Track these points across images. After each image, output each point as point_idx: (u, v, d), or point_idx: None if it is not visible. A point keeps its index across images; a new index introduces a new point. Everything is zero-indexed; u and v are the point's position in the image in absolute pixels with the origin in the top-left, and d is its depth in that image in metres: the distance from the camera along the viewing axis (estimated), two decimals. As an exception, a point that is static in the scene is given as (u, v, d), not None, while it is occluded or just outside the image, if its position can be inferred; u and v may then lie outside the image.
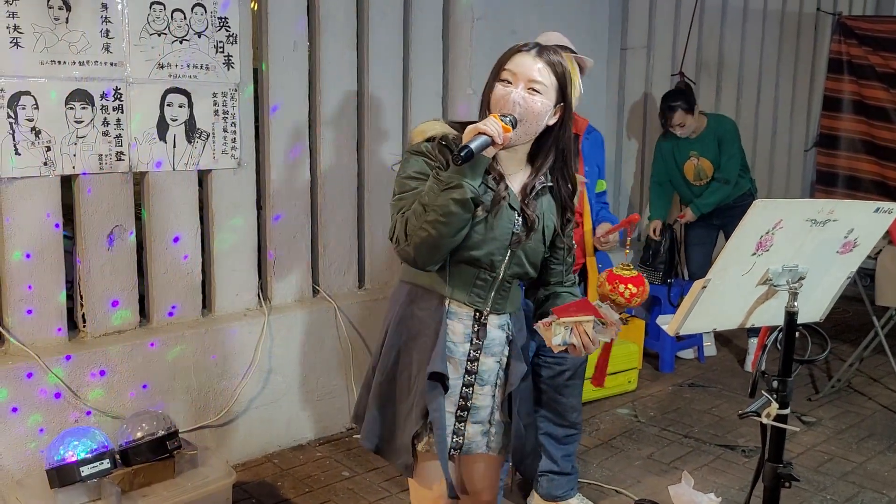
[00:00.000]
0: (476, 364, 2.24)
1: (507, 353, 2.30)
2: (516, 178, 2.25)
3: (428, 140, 2.16)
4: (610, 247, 3.44)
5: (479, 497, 2.42)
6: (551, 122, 2.21)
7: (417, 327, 2.22)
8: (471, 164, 2.03)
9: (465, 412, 2.26)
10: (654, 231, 5.39)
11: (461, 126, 2.16)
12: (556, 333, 2.12)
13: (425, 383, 2.19)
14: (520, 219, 2.21)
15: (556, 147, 2.25)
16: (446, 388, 2.21)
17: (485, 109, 2.18)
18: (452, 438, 2.26)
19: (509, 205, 2.19)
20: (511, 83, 2.13)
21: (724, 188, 5.24)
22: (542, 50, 2.17)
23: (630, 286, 2.69)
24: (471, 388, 2.25)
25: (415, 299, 2.24)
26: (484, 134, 2.02)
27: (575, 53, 3.27)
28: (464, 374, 2.24)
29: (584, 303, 2.18)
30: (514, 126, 2.10)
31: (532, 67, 2.13)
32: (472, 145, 2.01)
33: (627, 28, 5.71)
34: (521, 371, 2.31)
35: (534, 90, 2.13)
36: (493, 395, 2.29)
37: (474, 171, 2.05)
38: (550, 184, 2.27)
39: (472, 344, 2.23)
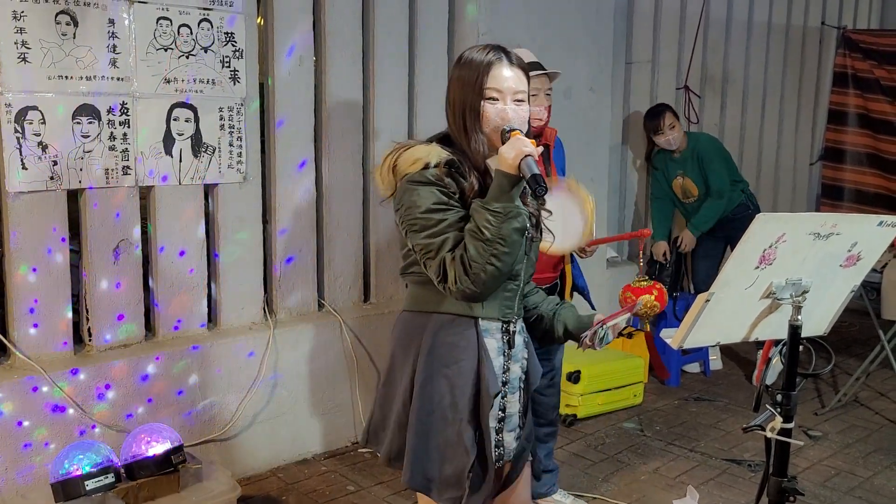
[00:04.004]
0: (507, 374, 2.27)
1: (526, 355, 2.34)
2: None
3: (426, 167, 2.11)
4: (590, 255, 3.43)
5: (520, 499, 2.45)
6: None
7: (450, 354, 2.19)
8: (517, 186, 2.05)
9: (502, 423, 2.28)
10: (664, 255, 5.42)
11: (440, 143, 2.18)
12: (600, 337, 2.28)
13: (470, 410, 2.20)
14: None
15: None
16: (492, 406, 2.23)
17: (475, 125, 2.16)
18: (495, 451, 2.27)
19: None
20: (498, 100, 2.16)
21: (717, 203, 5.29)
22: (510, 56, 2.20)
23: (650, 295, 3.23)
24: (505, 398, 2.27)
25: (441, 327, 2.20)
26: (529, 155, 2.04)
27: (545, 71, 3.32)
28: (500, 385, 2.26)
29: (626, 307, 2.41)
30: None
31: (512, 80, 2.17)
32: (537, 172, 2.02)
33: (632, 42, 5.72)
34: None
35: (518, 101, 2.19)
36: (519, 399, 2.32)
37: (518, 193, 2.07)
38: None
39: (504, 355, 2.26)
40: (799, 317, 2.18)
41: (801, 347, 2.26)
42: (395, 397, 2.28)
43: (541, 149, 2.11)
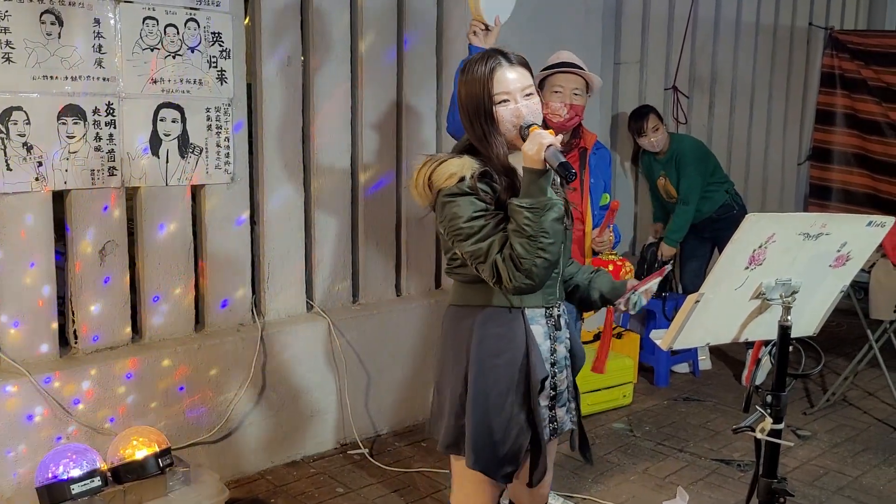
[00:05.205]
0: (555, 354, 2.41)
1: (568, 335, 2.46)
2: None
3: (461, 180, 2.21)
4: (603, 248, 3.53)
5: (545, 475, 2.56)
6: None
7: (498, 345, 2.33)
8: (545, 178, 2.15)
9: (554, 400, 2.43)
10: (656, 232, 5.45)
11: (468, 153, 2.29)
12: (634, 302, 2.42)
13: (522, 394, 2.34)
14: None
15: None
16: (543, 389, 2.37)
17: (492, 130, 2.26)
18: (549, 427, 2.43)
19: None
20: (508, 101, 2.25)
21: (684, 210, 5.30)
22: (509, 57, 2.29)
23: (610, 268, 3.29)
24: (555, 378, 2.41)
25: (489, 319, 2.34)
26: (552, 146, 2.13)
27: (583, 70, 3.32)
28: (550, 367, 2.40)
29: (657, 272, 2.47)
30: None
31: (516, 79, 2.27)
32: (563, 160, 2.11)
33: (620, 43, 5.73)
34: (583, 348, 2.57)
35: (527, 95, 2.28)
36: (566, 377, 2.47)
37: (548, 184, 2.17)
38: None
39: (550, 338, 2.40)
40: (789, 317, 2.18)
41: (790, 348, 2.26)
42: (448, 388, 2.42)
43: (560, 136, 2.21)
